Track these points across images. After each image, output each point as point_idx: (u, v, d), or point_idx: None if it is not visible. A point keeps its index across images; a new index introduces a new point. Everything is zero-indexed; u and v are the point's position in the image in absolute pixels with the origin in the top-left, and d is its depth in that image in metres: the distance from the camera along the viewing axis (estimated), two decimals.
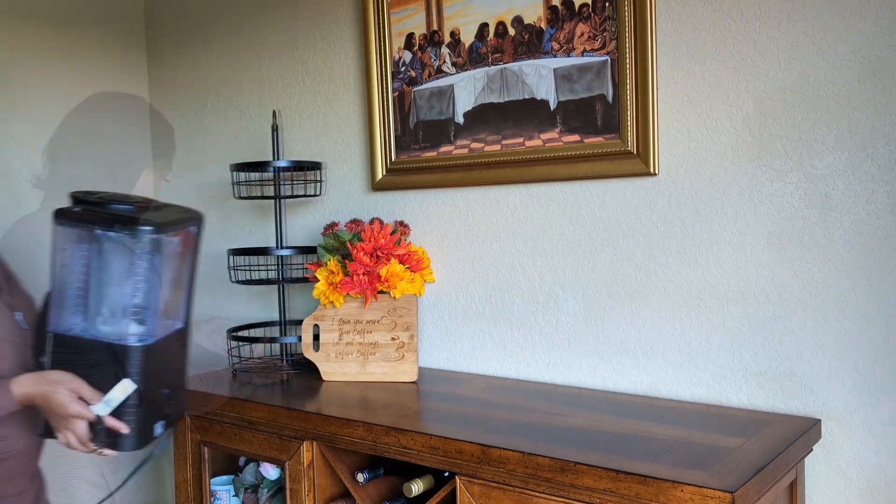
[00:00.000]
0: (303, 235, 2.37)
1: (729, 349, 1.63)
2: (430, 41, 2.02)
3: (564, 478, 1.29)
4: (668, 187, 1.70)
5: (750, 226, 1.60)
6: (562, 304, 1.86)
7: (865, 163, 1.48)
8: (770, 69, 1.56)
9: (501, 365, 1.97)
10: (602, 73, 1.74)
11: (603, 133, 1.75)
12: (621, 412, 1.59)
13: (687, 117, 1.66)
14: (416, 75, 2.04)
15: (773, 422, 1.50)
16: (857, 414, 1.50)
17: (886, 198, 1.46)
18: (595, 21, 1.74)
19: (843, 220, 1.50)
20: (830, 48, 1.49)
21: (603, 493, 1.26)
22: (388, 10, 2.07)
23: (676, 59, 1.66)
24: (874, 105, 1.46)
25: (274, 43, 2.38)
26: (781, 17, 1.54)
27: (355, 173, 2.22)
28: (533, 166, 1.86)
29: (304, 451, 1.69)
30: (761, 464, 1.25)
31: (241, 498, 2.02)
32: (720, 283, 1.64)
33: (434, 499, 1.54)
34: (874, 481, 1.49)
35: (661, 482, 1.20)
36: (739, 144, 1.60)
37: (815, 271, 1.54)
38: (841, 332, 1.52)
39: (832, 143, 1.51)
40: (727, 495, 1.14)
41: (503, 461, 1.37)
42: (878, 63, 1.45)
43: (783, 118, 1.55)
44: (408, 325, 1.95)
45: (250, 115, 2.47)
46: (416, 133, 2.05)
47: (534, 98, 1.85)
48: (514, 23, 1.87)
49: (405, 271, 1.94)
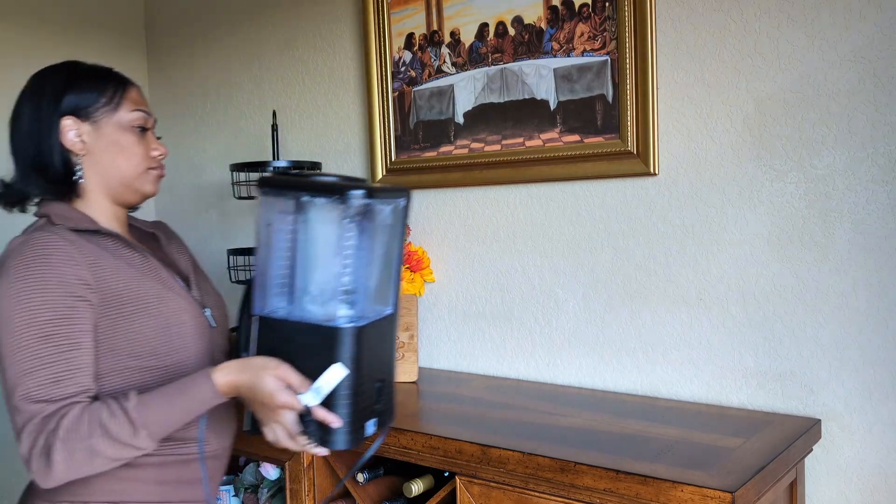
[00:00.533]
0: None
1: (729, 349, 1.63)
2: (430, 41, 2.02)
3: (564, 478, 1.29)
4: (668, 187, 1.70)
5: (750, 226, 1.60)
6: (562, 304, 1.86)
7: (865, 163, 1.48)
8: (770, 69, 1.56)
9: (501, 365, 1.97)
10: (602, 73, 1.74)
11: (603, 133, 1.75)
12: (621, 412, 1.59)
13: (687, 117, 1.66)
14: (416, 75, 2.04)
15: (773, 422, 1.50)
16: (857, 414, 1.50)
17: (886, 198, 1.46)
18: (595, 21, 1.74)
19: (843, 220, 1.50)
20: (830, 48, 1.49)
21: (603, 493, 1.26)
22: (388, 10, 2.07)
23: (676, 59, 1.66)
24: (874, 105, 1.46)
25: (274, 43, 2.38)
26: (781, 18, 1.54)
27: (355, 173, 2.22)
28: (533, 166, 1.86)
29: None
30: (761, 464, 1.25)
31: (241, 498, 2.02)
32: (720, 283, 1.64)
33: (434, 499, 1.54)
34: (874, 481, 1.49)
35: (661, 482, 1.20)
36: (739, 144, 1.60)
37: (815, 271, 1.54)
38: (841, 333, 1.52)
39: (832, 143, 1.51)
40: (727, 495, 1.14)
41: (503, 461, 1.37)
42: (878, 63, 1.45)
43: (783, 118, 1.55)
44: (408, 325, 1.95)
45: (250, 114, 2.47)
46: (416, 133, 2.05)
47: (534, 98, 1.85)
48: (514, 23, 1.87)
49: (405, 271, 1.94)
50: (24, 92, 1.31)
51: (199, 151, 2.64)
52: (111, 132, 1.29)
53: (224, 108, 2.55)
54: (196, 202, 2.68)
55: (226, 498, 2.00)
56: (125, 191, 1.32)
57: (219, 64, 2.55)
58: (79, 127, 1.27)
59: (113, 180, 1.30)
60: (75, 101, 1.27)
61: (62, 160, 1.27)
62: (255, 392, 1.13)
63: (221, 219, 2.60)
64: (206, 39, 2.58)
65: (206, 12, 2.57)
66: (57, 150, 1.26)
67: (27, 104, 1.29)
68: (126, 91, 1.33)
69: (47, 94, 1.28)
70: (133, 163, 1.31)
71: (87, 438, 1.10)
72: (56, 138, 1.26)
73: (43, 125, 1.27)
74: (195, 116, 2.65)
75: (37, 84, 1.31)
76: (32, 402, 1.11)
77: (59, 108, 1.26)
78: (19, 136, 1.29)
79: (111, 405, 1.12)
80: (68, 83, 1.29)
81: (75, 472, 1.11)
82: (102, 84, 1.31)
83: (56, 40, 2.50)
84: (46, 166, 1.26)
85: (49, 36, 2.49)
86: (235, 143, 2.52)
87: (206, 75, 2.60)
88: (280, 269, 1.17)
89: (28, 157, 1.28)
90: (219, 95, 2.56)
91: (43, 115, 1.27)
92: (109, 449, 1.11)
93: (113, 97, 1.30)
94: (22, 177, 1.29)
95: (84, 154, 1.28)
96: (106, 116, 1.29)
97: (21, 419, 1.11)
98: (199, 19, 2.60)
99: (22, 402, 1.11)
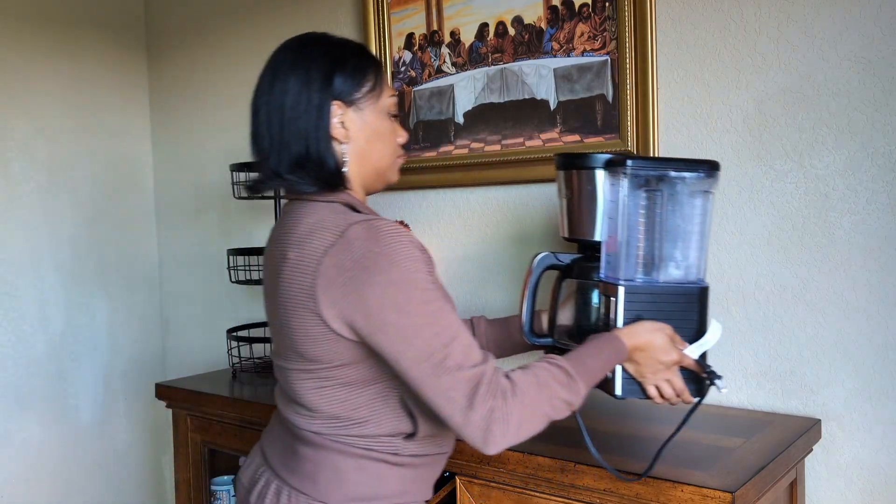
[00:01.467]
0: None
1: (729, 349, 1.63)
2: (430, 41, 2.02)
3: (564, 478, 1.29)
4: None
5: (750, 226, 1.60)
6: None
7: (865, 163, 1.48)
8: (770, 69, 1.56)
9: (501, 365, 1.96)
10: (602, 73, 1.74)
11: (603, 133, 1.75)
12: (621, 412, 1.59)
13: (687, 117, 1.66)
14: (416, 75, 2.04)
15: (773, 422, 1.50)
16: (857, 414, 1.50)
17: (886, 198, 1.46)
18: (595, 21, 1.74)
19: (843, 220, 1.50)
20: (830, 48, 1.49)
21: (603, 493, 1.26)
22: (388, 10, 2.07)
23: (676, 59, 1.66)
24: (874, 105, 1.46)
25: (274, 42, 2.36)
26: (781, 18, 1.54)
27: None
28: (533, 166, 1.86)
29: None
30: (761, 464, 1.25)
31: None
32: (720, 283, 1.64)
33: (434, 498, 1.53)
34: (874, 481, 1.49)
35: (661, 482, 1.20)
36: (739, 144, 1.60)
37: (815, 271, 1.54)
38: (841, 332, 1.52)
39: (832, 143, 1.51)
40: (727, 495, 1.14)
41: (503, 461, 1.37)
42: (878, 63, 1.45)
43: (783, 118, 1.55)
44: None
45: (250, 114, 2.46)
46: (416, 133, 2.05)
47: (534, 98, 1.85)
48: (514, 23, 1.86)
49: None
50: (281, 72, 1.18)
51: (200, 151, 2.64)
52: (372, 119, 1.19)
53: (224, 108, 2.55)
54: (196, 202, 2.68)
55: (226, 498, 2.00)
56: (376, 180, 1.23)
57: (219, 64, 2.55)
58: (343, 112, 1.16)
59: (368, 169, 1.20)
60: (341, 84, 1.16)
61: (332, 149, 1.16)
62: (652, 351, 1.19)
63: (221, 219, 2.60)
64: (206, 39, 2.58)
65: (206, 12, 2.57)
66: (326, 138, 1.15)
67: (293, 85, 1.16)
68: (384, 73, 1.23)
69: (314, 76, 1.16)
70: (389, 150, 1.22)
71: (538, 395, 1.08)
72: (326, 125, 1.15)
73: (312, 110, 1.14)
74: (195, 116, 2.64)
75: (300, 63, 1.18)
76: (470, 368, 1.05)
77: (331, 91, 1.15)
78: (283, 121, 1.15)
79: (540, 363, 1.12)
80: (334, 63, 1.17)
81: (526, 432, 1.09)
82: (364, 65, 1.19)
83: (56, 39, 2.50)
84: (322, 157, 1.15)
85: (49, 35, 2.49)
86: (235, 143, 2.52)
87: (206, 75, 2.59)
88: (636, 241, 1.26)
89: (302, 146, 1.14)
90: (218, 95, 2.56)
91: (313, 98, 1.14)
92: (558, 402, 1.10)
93: (376, 80, 1.19)
94: (292, 168, 1.15)
95: (346, 142, 1.17)
96: (370, 102, 1.18)
97: (466, 386, 1.04)
98: (199, 19, 2.60)
99: (460, 370, 1.04)
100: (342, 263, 1.06)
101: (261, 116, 1.18)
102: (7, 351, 2.40)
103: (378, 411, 1.15)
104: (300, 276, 1.09)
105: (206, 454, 1.93)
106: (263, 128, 1.17)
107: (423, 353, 1.04)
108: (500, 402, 1.05)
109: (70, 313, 2.56)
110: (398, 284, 1.05)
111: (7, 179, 2.40)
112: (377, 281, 1.04)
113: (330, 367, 1.13)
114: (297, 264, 1.10)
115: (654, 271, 1.27)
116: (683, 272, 1.28)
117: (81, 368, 2.59)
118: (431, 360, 1.04)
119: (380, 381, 1.14)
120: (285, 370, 1.19)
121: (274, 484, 1.20)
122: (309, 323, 1.10)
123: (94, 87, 2.60)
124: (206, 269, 2.66)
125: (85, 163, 2.60)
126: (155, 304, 2.82)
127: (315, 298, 1.07)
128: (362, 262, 1.05)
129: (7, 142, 2.40)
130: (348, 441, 1.15)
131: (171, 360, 2.83)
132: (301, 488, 1.16)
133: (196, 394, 1.89)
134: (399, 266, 1.05)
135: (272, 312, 1.20)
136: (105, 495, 2.66)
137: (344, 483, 1.15)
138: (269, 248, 1.22)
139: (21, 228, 2.44)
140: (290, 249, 1.12)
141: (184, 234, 2.74)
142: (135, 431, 2.75)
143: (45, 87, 2.48)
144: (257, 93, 1.21)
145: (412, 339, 1.05)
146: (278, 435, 1.27)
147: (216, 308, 2.64)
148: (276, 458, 1.24)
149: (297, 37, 1.23)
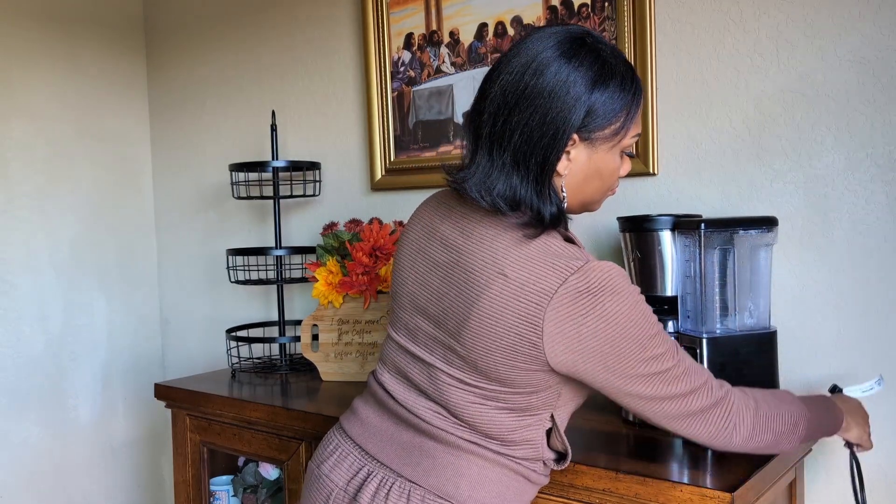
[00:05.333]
0: (302, 236, 2.37)
1: None
2: (429, 41, 2.02)
3: (564, 478, 1.29)
4: (668, 187, 1.69)
5: None
6: None
7: (865, 163, 1.48)
8: (770, 69, 1.56)
9: None
10: None
11: None
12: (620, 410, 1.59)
13: (687, 117, 1.66)
14: (416, 75, 2.04)
15: None
16: None
17: (886, 198, 1.46)
18: (595, 21, 1.74)
19: (843, 220, 1.50)
20: (830, 48, 1.49)
21: (602, 493, 1.26)
22: (388, 10, 2.07)
23: (676, 59, 1.66)
24: (873, 105, 1.46)
25: (273, 43, 2.38)
26: (781, 18, 1.54)
27: (354, 173, 2.22)
28: None
29: (304, 451, 1.69)
30: (761, 464, 1.25)
31: (240, 498, 2.02)
32: None
33: None
34: (874, 481, 1.49)
35: (660, 482, 1.20)
36: (739, 144, 1.60)
37: (815, 271, 1.54)
38: (841, 333, 1.52)
39: (832, 143, 1.51)
40: (727, 495, 1.14)
41: None
42: (878, 63, 1.45)
43: (783, 118, 1.55)
44: None
45: (249, 114, 2.47)
46: (415, 133, 2.05)
47: None
48: (513, 23, 1.86)
49: None
50: (545, 68, 0.97)
51: (199, 151, 2.64)
52: (601, 157, 1.04)
53: (223, 108, 2.55)
54: (196, 202, 2.68)
55: (225, 498, 2.00)
56: (576, 210, 1.11)
57: (218, 64, 2.55)
58: (574, 144, 1.01)
59: (574, 201, 1.08)
60: (595, 111, 0.98)
61: (553, 186, 1.02)
62: (861, 419, 1.33)
63: (221, 219, 2.60)
64: (206, 39, 2.58)
65: (205, 12, 2.57)
66: (551, 172, 1.00)
67: (551, 84, 0.96)
68: (639, 108, 1.04)
69: (572, 90, 0.96)
70: (605, 187, 1.09)
71: (774, 412, 1.14)
72: (561, 150, 0.99)
73: (559, 124, 0.97)
74: (195, 116, 2.64)
75: (566, 66, 0.97)
76: (714, 379, 1.11)
77: (582, 111, 0.97)
78: (525, 127, 0.98)
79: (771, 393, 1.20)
80: (597, 79, 0.98)
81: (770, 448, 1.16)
82: (625, 95, 1.01)
83: (55, 39, 2.50)
84: (545, 180, 1.00)
85: (48, 35, 2.49)
86: (235, 144, 2.52)
87: (205, 75, 2.59)
88: (713, 294, 1.40)
89: (540, 157, 0.98)
90: (218, 95, 2.56)
91: (564, 112, 0.97)
92: (784, 428, 1.15)
93: (627, 118, 1.02)
94: (535, 190, 1.01)
95: (563, 174, 1.03)
96: (607, 141, 1.02)
97: (719, 393, 1.09)
98: (198, 19, 2.60)
99: (710, 380, 1.09)
100: (578, 309, 0.99)
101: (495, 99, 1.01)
102: (6, 351, 2.40)
103: (531, 440, 1.11)
104: (522, 304, 0.99)
105: (204, 454, 1.93)
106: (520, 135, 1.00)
107: (675, 362, 1.08)
108: (752, 410, 1.15)
109: (69, 313, 2.56)
110: (636, 306, 1.04)
111: (6, 179, 2.40)
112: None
113: (510, 391, 1.06)
114: (521, 288, 1.00)
115: (730, 321, 1.41)
116: (756, 319, 1.44)
117: (80, 368, 2.59)
118: (688, 373, 1.09)
119: (544, 410, 1.10)
120: (433, 369, 1.10)
121: (397, 483, 1.10)
122: (521, 351, 1.01)
123: (95, 86, 2.59)
124: (206, 269, 2.66)
125: (84, 163, 2.60)
126: (154, 304, 2.82)
127: (540, 330, 0.99)
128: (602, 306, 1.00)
129: (6, 142, 2.40)
130: (500, 452, 1.10)
131: (170, 360, 2.83)
132: (439, 492, 1.08)
133: (195, 394, 1.89)
134: (634, 307, 1.04)
135: (435, 299, 1.09)
136: (104, 495, 2.66)
137: (485, 490, 1.09)
138: (442, 230, 1.11)
139: (20, 228, 2.43)
140: (509, 267, 1.01)
141: (183, 233, 2.73)
142: (134, 431, 2.75)
143: (44, 87, 2.48)
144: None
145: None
146: (389, 432, 1.16)
147: (215, 308, 2.64)
148: (391, 456, 1.13)
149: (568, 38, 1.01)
